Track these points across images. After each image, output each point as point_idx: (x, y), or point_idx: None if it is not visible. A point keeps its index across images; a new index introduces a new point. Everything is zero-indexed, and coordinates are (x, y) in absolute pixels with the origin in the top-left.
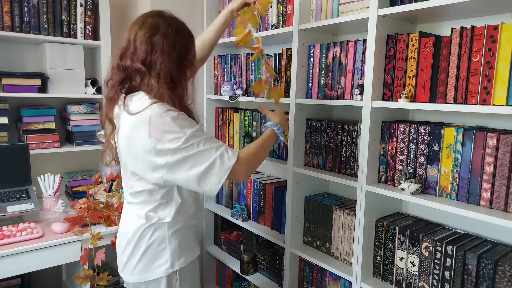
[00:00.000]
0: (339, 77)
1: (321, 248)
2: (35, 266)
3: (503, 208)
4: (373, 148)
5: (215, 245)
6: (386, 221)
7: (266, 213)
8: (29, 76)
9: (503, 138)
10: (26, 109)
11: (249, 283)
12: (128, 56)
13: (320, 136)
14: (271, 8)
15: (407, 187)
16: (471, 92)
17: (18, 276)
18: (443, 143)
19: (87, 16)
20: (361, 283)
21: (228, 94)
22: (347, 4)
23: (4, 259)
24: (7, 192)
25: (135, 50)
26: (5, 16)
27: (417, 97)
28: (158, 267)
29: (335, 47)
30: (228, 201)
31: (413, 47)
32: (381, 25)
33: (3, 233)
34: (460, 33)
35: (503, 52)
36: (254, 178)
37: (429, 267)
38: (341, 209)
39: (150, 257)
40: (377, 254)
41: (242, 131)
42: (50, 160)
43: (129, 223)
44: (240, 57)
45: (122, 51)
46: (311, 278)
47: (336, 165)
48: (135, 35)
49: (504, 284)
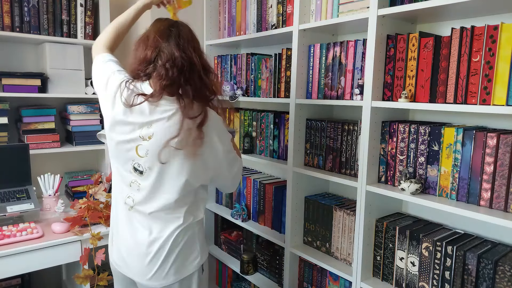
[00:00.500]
0: (339, 77)
1: (321, 248)
2: (35, 266)
3: (503, 208)
4: (373, 148)
5: (215, 245)
6: (386, 221)
7: (266, 213)
8: (29, 76)
9: (503, 138)
10: (26, 109)
11: (249, 283)
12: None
13: (320, 136)
14: (271, 8)
15: (407, 187)
16: (471, 92)
17: (18, 276)
18: (443, 143)
19: (87, 16)
20: (361, 283)
21: (228, 94)
22: (347, 4)
23: (4, 259)
24: (7, 192)
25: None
26: (5, 16)
27: (417, 97)
28: (191, 263)
29: (335, 47)
30: (228, 201)
31: (413, 47)
32: (381, 25)
33: (3, 233)
34: (460, 33)
35: (503, 52)
36: (254, 178)
37: (429, 267)
38: (341, 209)
39: (184, 256)
40: (377, 254)
41: (242, 131)
42: (50, 160)
43: (157, 229)
44: (240, 57)
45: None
46: (311, 278)
47: (336, 165)
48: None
49: (504, 284)
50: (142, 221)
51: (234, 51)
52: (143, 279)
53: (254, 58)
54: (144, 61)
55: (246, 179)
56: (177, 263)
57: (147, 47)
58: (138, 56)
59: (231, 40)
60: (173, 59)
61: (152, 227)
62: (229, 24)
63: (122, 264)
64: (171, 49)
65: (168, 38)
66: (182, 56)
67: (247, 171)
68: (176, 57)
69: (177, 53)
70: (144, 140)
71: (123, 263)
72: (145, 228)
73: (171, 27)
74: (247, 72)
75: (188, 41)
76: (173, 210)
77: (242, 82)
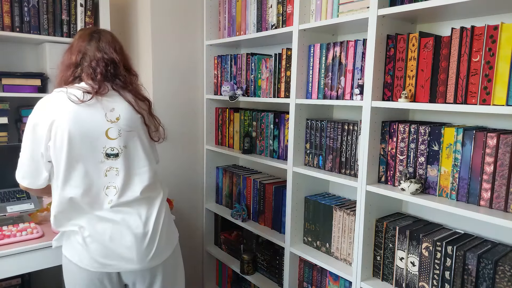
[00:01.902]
0: (339, 77)
1: (321, 248)
2: (35, 266)
3: (503, 208)
4: (373, 148)
5: (215, 245)
6: (386, 221)
7: (266, 213)
8: (29, 76)
9: (503, 138)
10: (26, 109)
11: (249, 283)
12: None
13: (320, 136)
14: (271, 8)
15: (407, 187)
16: (471, 92)
17: (18, 276)
18: (443, 143)
19: (87, 16)
20: (361, 283)
21: (228, 94)
22: (347, 4)
23: (4, 259)
24: (7, 192)
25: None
26: (5, 16)
27: (417, 97)
28: (175, 229)
29: (335, 47)
30: (228, 201)
31: (413, 47)
32: (381, 25)
33: (3, 233)
34: (460, 33)
35: (503, 52)
36: (254, 178)
37: (429, 267)
38: (341, 209)
39: (168, 225)
40: (377, 254)
41: (242, 131)
42: None
43: (145, 209)
44: (240, 57)
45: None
46: (311, 278)
47: (336, 165)
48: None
49: (504, 284)
50: (128, 203)
51: (234, 51)
52: (143, 262)
53: (254, 58)
54: (71, 65)
55: (246, 179)
56: (166, 234)
57: (71, 53)
58: (65, 63)
59: (231, 40)
60: (97, 59)
61: (140, 208)
62: (229, 24)
63: (111, 262)
64: (93, 51)
65: (89, 42)
66: (103, 56)
67: (247, 171)
68: (99, 58)
69: (99, 54)
70: (113, 122)
71: (111, 260)
72: (134, 210)
73: (93, 33)
74: (247, 72)
75: (109, 43)
76: (153, 186)
77: (242, 82)
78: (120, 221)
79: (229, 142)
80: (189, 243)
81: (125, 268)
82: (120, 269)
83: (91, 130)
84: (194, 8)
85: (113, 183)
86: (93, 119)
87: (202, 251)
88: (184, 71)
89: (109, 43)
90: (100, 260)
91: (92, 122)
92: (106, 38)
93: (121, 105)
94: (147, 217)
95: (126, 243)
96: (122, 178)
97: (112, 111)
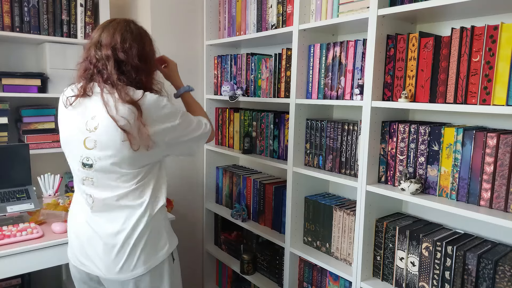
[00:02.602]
0: (339, 77)
1: (321, 248)
2: (35, 266)
3: (503, 208)
4: (373, 148)
5: (215, 245)
6: (386, 221)
7: (266, 213)
8: (29, 76)
9: (503, 138)
10: (26, 109)
11: (249, 283)
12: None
13: (320, 136)
14: (271, 8)
15: (407, 187)
16: (471, 92)
17: (18, 276)
18: (443, 143)
19: (87, 16)
20: (361, 283)
21: (228, 94)
22: (347, 4)
23: (4, 259)
24: (7, 192)
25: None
26: (5, 16)
27: (417, 97)
28: (160, 250)
29: (335, 47)
30: (228, 201)
31: (413, 47)
32: (381, 25)
33: (3, 233)
34: (460, 33)
35: (503, 52)
36: (254, 178)
37: (429, 267)
38: (341, 209)
39: (153, 242)
40: (377, 254)
41: (242, 131)
42: (50, 160)
43: (120, 220)
44: (240, 57)
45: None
46: (311, 278)
47: (336, 165)
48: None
49: (504, 284)
50: (104, 213)
51: (234, 51)
52: (111, 273)
53: (254, 58)
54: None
55: (246, 179)
56: (145, 251)
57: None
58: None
59: (231, 40)
60: (90, 57)
61: (117, 218)
62: (229, 24)
63: (87, 263)
64: (89, 47)
65: (93, 36)
66: (95, 53)
67: (247, 171)
68: (91, 56)
69: (91, 51)
70: (91, 132)
71: (87, 261)
72: (108, 220)
73: (101, 25)
74: (247, 72)
75: (111, 35)
76: (134, 196)
77: (242, 82)
78: (96, 228)
79: (229, 142)
80: (189, 243)
81: (96, 272)
82: (93, 272)
83: (72, 136)
84: (194, 8)
85: (89, 191)
86: (76, 126)
87: (202, 251)
88: (184, 71)
89: (111, 36)
90: (80, 257)
91: (75, 129)
92: (109, 31)
93: (102, 114)
94: (120, 229)
95: (97, 249)
96: (97, 188)
97: (93, 119)
